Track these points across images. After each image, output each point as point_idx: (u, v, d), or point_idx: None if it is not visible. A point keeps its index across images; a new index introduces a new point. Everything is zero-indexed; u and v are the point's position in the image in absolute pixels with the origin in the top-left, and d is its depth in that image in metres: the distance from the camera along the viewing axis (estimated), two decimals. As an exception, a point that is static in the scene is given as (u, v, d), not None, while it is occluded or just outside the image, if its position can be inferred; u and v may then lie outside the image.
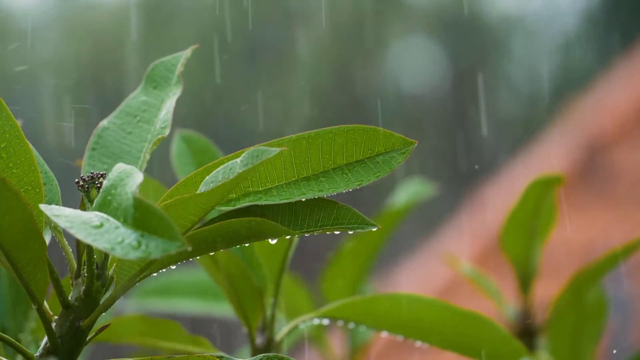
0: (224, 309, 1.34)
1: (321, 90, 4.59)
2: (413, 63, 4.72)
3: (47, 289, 0.72)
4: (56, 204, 0.76)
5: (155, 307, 1.33)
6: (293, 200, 0.72)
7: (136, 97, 0.82)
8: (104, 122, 0.81)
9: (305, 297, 1.45)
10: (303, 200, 0.73)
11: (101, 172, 0.73)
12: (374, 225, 0.72)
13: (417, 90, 4.72)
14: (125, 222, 0.62)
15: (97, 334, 0.76)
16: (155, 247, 0.60)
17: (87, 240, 0.61)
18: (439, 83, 4.75)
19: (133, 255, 0.60)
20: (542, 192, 1.28)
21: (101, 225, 0.62)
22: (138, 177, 0.64)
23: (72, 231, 0.62)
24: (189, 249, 0.59)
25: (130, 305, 1.36)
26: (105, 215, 0.64)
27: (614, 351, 2.21)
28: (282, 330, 0.98)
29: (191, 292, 1.34)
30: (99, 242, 0.61)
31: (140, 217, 0.61)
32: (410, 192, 1.52)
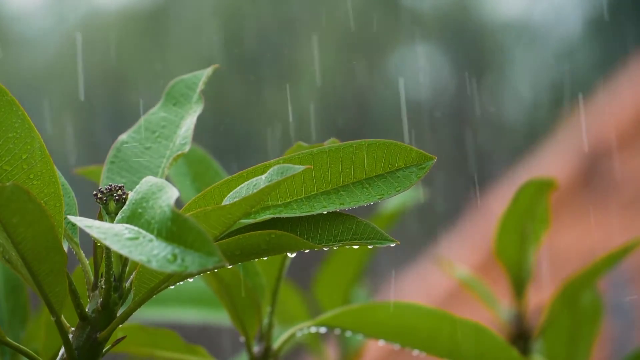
0: (218, 317, 1.34)
1: (324, 95, 4.60)
2: (416, 69, 4.73)
3: (66, 301, 0.72)
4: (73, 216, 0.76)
5: (148, 317, 1.32)
6: (314, 213, 0.72)
7: (155, 113, 0.82)
8: (123, 136, 0.81)
9: (298, 301, 1.45)
10: (323, 213, 0.73)
11: (119, 185, 0.73)
12: (392, 241, 0.72)
13: (420, 96, 4.72)
14: (159, 235, 0.62)
15: (113, 345, 0.76)
16: (192, 262, 0.60)
17: (123, 251, 0.60)
18: (441, 89, 4.75)
19: (169, 268, 0.59)
20: (535, 194, 1.27)
21: (135, 237, 0.62)
22: (173, 191, 0.64)
23: (106, 242, 0.61)
24: (228, 265, 0.59)
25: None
26: (136, 228, 0.64)
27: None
28: (279, 339, 0.98)
29: (184, 301, 1.33)
30: (134, 254, 0.60)
31: (177, 231, 0.61)
32: (400, 197, 1.51)
